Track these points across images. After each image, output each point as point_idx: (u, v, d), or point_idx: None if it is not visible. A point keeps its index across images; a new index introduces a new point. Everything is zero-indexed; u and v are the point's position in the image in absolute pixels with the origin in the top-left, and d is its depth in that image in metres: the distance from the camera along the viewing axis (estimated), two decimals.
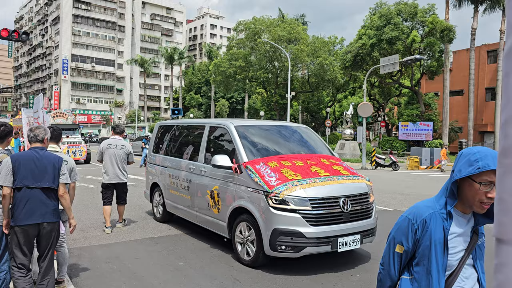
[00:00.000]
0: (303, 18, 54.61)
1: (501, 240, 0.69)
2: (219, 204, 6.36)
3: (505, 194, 0.68)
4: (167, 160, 8.19)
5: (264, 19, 43.80)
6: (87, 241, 6.99)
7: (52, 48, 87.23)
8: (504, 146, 0.69)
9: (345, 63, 37.23)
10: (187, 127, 8.25)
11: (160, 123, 9.36)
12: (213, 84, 57.54)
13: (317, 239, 5.24)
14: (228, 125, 6.67)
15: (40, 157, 3.95)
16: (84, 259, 6.01)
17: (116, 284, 5.07)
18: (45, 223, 3.90)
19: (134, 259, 6.13)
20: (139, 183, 14.64)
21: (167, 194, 8.09)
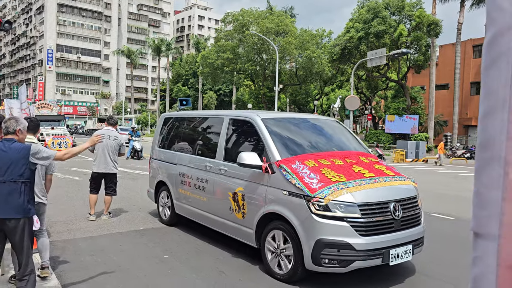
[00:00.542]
0: (291, 10, 54.48)
1: (478, 234, 0.69)
2: (244, 208, 5.55)
3: (482, 188, 0.69)
4: (176, 157, 7.31)
5: (252, 11, 43.59)
6: (72, 234, 6.92)
7: (37, 38, 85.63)
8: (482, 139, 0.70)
9: (333, 56, 37.30)
10: (201, 119, 7.40)
11: (166, 114, 8.43)
12: (200, 76, 57.23)
13: (367, 251, 4.54)
14: (254, 118, 5.79)
15: (6, 149, 3.74)
16: (68, 252, 5.96)
17: (101, 277, 5.04)
18: (7, 219, 3.67)
19: (119, 251, 6.10)
20: (125, 175, 14.53)
21: (176, 195, 7.24)
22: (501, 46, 0.68)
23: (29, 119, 4.90)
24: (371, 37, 34.18)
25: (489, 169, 0.68)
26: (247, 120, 5.97)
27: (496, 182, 0.66)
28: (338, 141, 6.30)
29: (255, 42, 41.64)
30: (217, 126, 6.52)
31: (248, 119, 5.93)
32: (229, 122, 6.27)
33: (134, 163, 19.29)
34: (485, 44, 0.70)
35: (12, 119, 3.99)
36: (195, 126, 7.47)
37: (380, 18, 33.95)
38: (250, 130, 5.86)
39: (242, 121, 6.18)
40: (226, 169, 5.94)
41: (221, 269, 5.43)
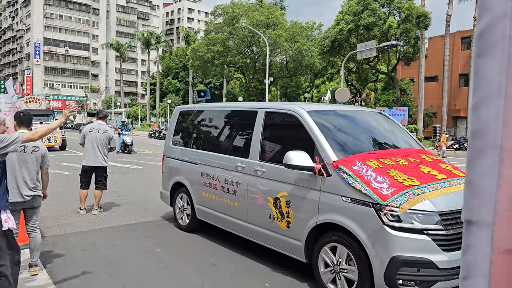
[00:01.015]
0: (281, 3, 54.24)
1: (470, 222, 0.70)
2: (289, 217, 4.74)
3: (474, 176, 0.69)
4: (197, 155, 6.48)
5: (242, 3, 43.35)
6: (62, 229, 6.89)
7: (23, 31, 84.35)
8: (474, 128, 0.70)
9: (323, 49, 37.31)
10: (228, 113, 6.55)
11: (182, 108, 7.52)
12: (191, 69, 56.91)
13: (451, 270, 3.80)
14: (299, 111, 4.93)
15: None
16: (59, 247, 5.93)
17: (91, 271, 5.03)
18: None
19: (111, 246, 6.09)
20: (116, 170, 14.46)
21: (198, 198, 6.42)
22: (496, 34, 0.67)
23: (22, 113, 4.86)
24: (361, 29, 34.22)
25: (483, 158, 0.68)
26: (290, 113, 5.08)
27: (491, 170, 0.66)
28: (391, 136, 5.53)
29: (245, 35, 41.45)
30: (249, 121, 5.62)
31: (291, 112, 5.04)
32: (264, 116, 5.39)
33: (124, 157, 19.19)
34: (478, 32, 0.70)
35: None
36: (220, 120, 6.60)
37: (370, 10, 33.98)
38: (293, 125, 5.03)
39: (282, 114, 5.33)
40: (264, 170, 5.13)
41: (213, 261, 5.45)
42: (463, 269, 0.71)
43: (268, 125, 5.39)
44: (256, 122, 5.45)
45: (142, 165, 16.11)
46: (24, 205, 4.72)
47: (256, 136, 5.42)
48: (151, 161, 17.63)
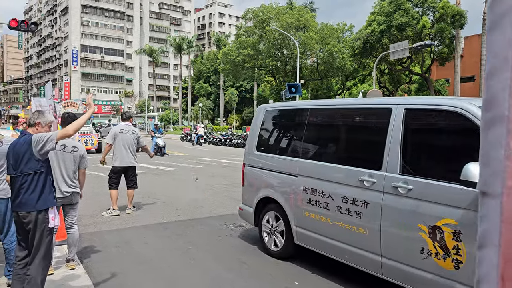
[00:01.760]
0: (311, 5, 54.09)
1: (484, 193, 0.71)
2: (459, 254, 3.45)
3: (488, 147, 0.70)
4: (296, 165, 5.18)
5: (272, 6, 43.52)
6: (98, 227, 7.11)
7: (62, 38, 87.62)
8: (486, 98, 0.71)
9: (355, 50, 36.90)
10: (345, 112, 5.12)
11: (270, 106, 6.23)
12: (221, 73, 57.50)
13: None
14: (468, 108, 3.62)
15: (17, 143, 3.73)
16: (94, 244, 6.13)
17: (126, 267, 5.18)
18: (19, 212, 3.66)
19: (143, 243, 6.24)
20: (149, 171, 14.81)
21: (298, 219, 5.13)
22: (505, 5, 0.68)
23: (66, 114, 5.11)
24: (393, 30, 33.64)
25: (493, 128, 0.69)
26: (451, 111, 3.75)
27: (499, 140, 0.67)
28: None
29: (276, 38, 41.56)
30: (379, 121, 4.46)
31: (455, 109, 3.70)
32: (404, 114, 4.09)
33: (157, 159, 19.58)
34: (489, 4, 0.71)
35: (36, 112, 4.02)
36: (331, 121, 5.31)
37: (403, 10, 33.36)
38: (456, 127, 3.84)
39: (435, 112, 4.05)
40: (411, 187, 3.83)
41: (243, 260, 5.50)
42: (479, 239, 0.72)
43: (412, 127, 4.12)
44: (390, 123, 4.16)
45: (174, 167, 16.39)
46: (63, 201, 4.92)
47: (393, 141, 4.10)
48: (183, 163, 17.91)
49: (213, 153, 24.95)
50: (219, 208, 8.75)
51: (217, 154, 24.05)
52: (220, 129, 57.89)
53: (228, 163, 18.37)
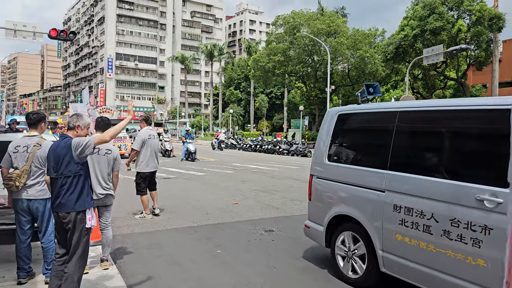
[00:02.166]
0: (343, 10, 53.75)
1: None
2: None
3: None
4: (384, 178, 4.36)
5: (303, 12, 43.50)
6: (130, 229, 7.27)
7: (98, 47, 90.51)
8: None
9: (387, 56, 36.34)
10: (445, 115, 4.14)
11: (343, 109, 5.36)
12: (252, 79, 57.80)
13: None
14: None
15: (58, 146, 3.85)
16: (127, 245, 6.27)
17: (157, 268, 5.26)
18: (59, 213, 3.78)
19: (174, 246, 6.32)
20: (180, 176, 15.04)
21: (387, 242, 4.30)
22: None
23: (100, 118, 5.28)
24: (427, 34, 32.93)
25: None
26: None
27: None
28: None
29: (306, 44, 41.47)
30: (494, 125, 3.67)
31: None
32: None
33: (188, 164, 19.85)
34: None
35: (74, 115, 4.13)
36: (426, 126, 4.35)
37: (437, 14, 32.62)
38: None
39: None
40: None
41: (273, 264, 5.48)
42: None
43: None
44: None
45: (204, 172, 16.56)
46: (97, 202, 5.06)
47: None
48: (213, 169, 18.07)
49: (243, 158, 25.06)
50: (249, 212, 8.77)
51: (247, 160, 24.14)
52: (250, 135, 58.10)
53: (258, 169, 18.40)
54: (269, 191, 11.86)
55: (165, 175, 15.13)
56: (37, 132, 4.74)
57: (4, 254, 5.46)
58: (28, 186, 4.46)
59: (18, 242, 4.54)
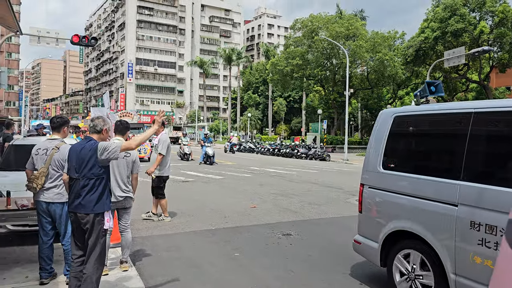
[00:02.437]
0: (361, 13, 53.38)
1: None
2: None
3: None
4: (457, 189, 3.72)
5: (321, 16, 43.39)
6: (149, 231, 7.33)
7: (118, 52, 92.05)
8: None
9: (407, 58, 35.91)
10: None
11: (399, 111, 4.78)
12: (270, 83, 57.85)
13: None
14: None
15: (83, 148, 3.90)
16: (146, 247, 6.32)
17: (176, 271, 5.29)
18: (78, 213, 3.83)
19: (193, 248, 6.35)
20: (199, 179, 15.12)
21: (462, 265, 3.64)
22: None
23: (119, 122, 5.34)
24: (448, 36, 32.41)
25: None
26: None
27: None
28: None
29: (325, 47, 41.31)
30: None
31: None
32: None
33: (206, 168, 19.95)
34: None
35: (100, 118, 4.15)
36: (510, 129, 3.59)
37: (458, 15, 32.09)
38: None
39: None
40: None
41: (290, 267, 5.45)
42: None
43: None
44: None
45: (223, 176, 16.62)
46: (117, 205, 5.13)
47: None
48: (231, 172, 18.11)
49: (261, 162, 25.05)
50: (266, 216, 8.76)
51: (265, 163, 24.13)
52: (268, 139, 58.08)
53: (276, 173, 18.37)
54: (287, 194, 11.82)
55: (183, 178, 15.24)
56: (60, 136, 4.84)
57: (27, 255, 5.58)
58: (46, 188, 4.55)
59: (40, 243, 4.64)
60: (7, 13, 6.80)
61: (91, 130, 4.10)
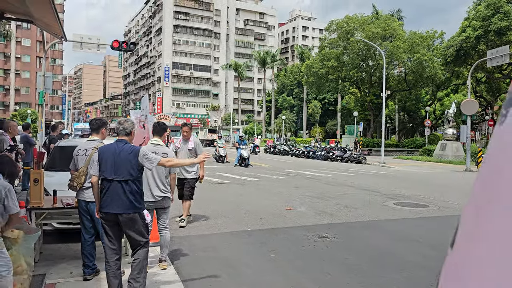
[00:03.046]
0: (399, 13, 52.25)
1: None
2: None
3: None
4: None
5: (357, 17, 42.79)
6: (187, 231, 7.46)
7: (156, 57, 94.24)
8: None
9: (446, 58, 34.86)
10: None
11: None
12: (305, 86, 57.56)
13: None
14: None
15: (119, 150, 4.05)
16: (183, 247, 6.43)
17: (212, 270, 5.36)
18: (119, 214, 3.97)
19: (229, 249, 6.41)
20: (234, 181, 15.24)
21: None
22: None
23: (157, 123, 5.51)
24: (491, 35, 31.21)
25: None
26: None
27: None
28: None
29: (361, 48, 40.70)
30: None
31: None
32: None
33: (241, 170, 20.06)
34: None
35: (129, 121, 4.34)
36: None
37: (502, 13, 30.85)
38: None
39: None
40: None
41: (327, 270, 5.40)
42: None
43: None
44: None
45: (258, 178, 16.67)
46: (155, 205, 5.26)
47: None
48: (266, 174, 18.13)
49: (296, 165, 24.95)
50: (302, 218, 8.71)
51: (300, 166, 24.01)
52: (302, 141, 57.78)
53: (311, 175, 18.24)
54: (323, 197, 11.71)
55: (219, 180, 15.40)
56: (99, 137, 5.03)
57: (72, 252, 5.80)
58: (85, 188, 4.74)
59: (82, 240, 4.83)
60: (54, 21, 7.12)
61: (122, 133, 4.25)
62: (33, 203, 5.01)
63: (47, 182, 6.43)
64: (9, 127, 7.50)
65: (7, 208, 3.50)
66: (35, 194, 5.01)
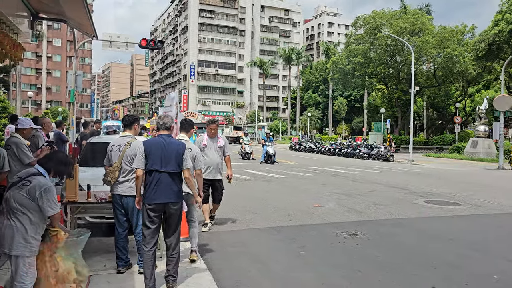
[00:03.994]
0: (428, 7, 51.00)
1: None
2: None
3: None
4: None
5: (384, 12, 42.09)
6: (215, 227, 7.50)
7: (181, 55, 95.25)
8: None
9: (478, 53, 33.87)
10: None
11: None
12: (330, 82, 57.10)
13: None
14: None
15: (167, 144, 4.31)
16: (213, 242, 6.48)
17: (241, 266, 5.38)
18: (170, 203, 4.26)
19: (258, 245, 6.42)
20: (260, 178, 15.28)
21: None
22: None
23: (184, 120, 5.57)
24: None
25: None
26: None
27: None
28: None
29: (388, 44, 40.00)
30: None
31: None
32: None
33: (267, 167, 20.07)
34: None
35: (169, 117, 4.58)
36: None
37: None
38: None
39: None
40: None
41: (358, 267, 5.34)
42: None
43: None
44: None
45: (284, 175, 16.63)
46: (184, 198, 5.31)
47: None
48: (292, 171, 18.08)
49: (322, 162, 24.78)
50: (330, 216, 8.64)
51: (326, 163, 23.83)
52: (328, 138, 57.32)
53: (338, 172, 18.08)
54: (351, 194, 11.59)
55: (245, 177, 15.45)
56: (131, 132, 5.14)
57: (105, 246, 5.93)
58: (119, 182, 4.84)
59: (116, 234, 4.93)
60: (86, 20, 7.27)
61: (162, 127, 4.47)
62: (68, 198, 5.13)
63: (80, 177, 6.59)
64: (43, 124, 7.69)
65: (42, 210, 3.39)
66: (70, 188, 5.13)
